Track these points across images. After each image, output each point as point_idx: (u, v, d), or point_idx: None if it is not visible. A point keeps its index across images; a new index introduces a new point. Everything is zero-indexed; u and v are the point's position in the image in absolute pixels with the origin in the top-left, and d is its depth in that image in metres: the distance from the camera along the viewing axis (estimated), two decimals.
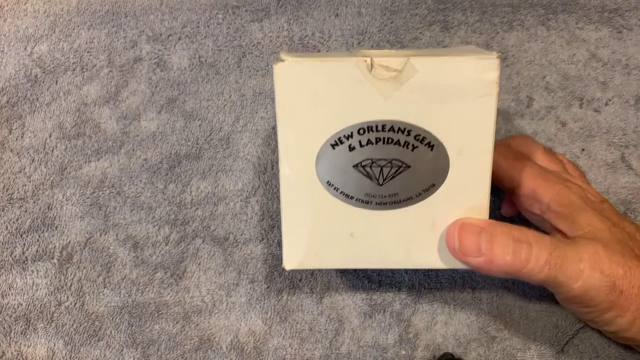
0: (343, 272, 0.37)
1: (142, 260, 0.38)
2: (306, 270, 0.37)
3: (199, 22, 0.43)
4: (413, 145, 0.28)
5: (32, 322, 0.37)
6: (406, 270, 0.37)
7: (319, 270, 0.37)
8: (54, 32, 0.43)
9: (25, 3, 0.44)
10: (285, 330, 0.36)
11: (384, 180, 0.28)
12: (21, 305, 0.37)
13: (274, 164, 0.40)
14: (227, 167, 0.40)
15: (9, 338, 0.36)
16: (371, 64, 0.26)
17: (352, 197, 0.28)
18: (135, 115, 0.41)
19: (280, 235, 0.38)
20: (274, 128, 0.41)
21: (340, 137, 0.28)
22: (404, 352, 0.36)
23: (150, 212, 0.39)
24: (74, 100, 0.41)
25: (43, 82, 0.42)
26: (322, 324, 0.37)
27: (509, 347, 0.36)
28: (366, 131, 0.28)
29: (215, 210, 0.39)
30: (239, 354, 0.36)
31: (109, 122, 0.41)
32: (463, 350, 0.36)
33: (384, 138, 0.28)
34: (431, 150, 0.28)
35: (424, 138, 0.28)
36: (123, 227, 0.38)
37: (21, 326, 0.37)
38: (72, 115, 0.41)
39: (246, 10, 0.43)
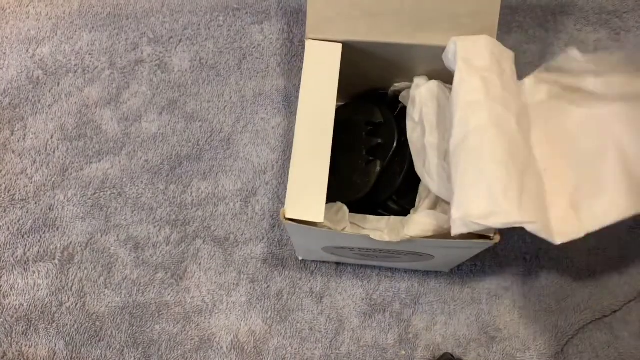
0: (343, 272, 0.38)
1: (143, 260, 0.38)
2: (307, 269, 0.38)
3: (199, 25, 0.43)
4: None
5: (33, 322, 0.37)
6: (406, 270, 0.38)
7: (319, 270, 0.38)
8: (56, 35, 0.43)
9: (28, 6, 0.44)
10: (285, 329, 0.36)
11: None
12: (22, 305, 0.37)
13: (274, 164, 0.40)
14: (228, 168, 0.40)
15: (10, 338, 0.36)
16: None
17: None
18: (137, 117, 0.41)
19: (281, 234, 0.38)
20: (274, 128, 0.41)
21: None
22: (403, 352, 0.36)
23: (151, 212, 0.39)
24: (75, 102, 0.42)
25: (45, 84, 0.42)
26: (322, 323, 0.37)
27: (508, 348, 0.36)
28: None
29: (216, 211, 0.39)
30: (239, 354, 0.36)
31: (110, 124, 0.41)
32: (463, 350, 0.36)
33: None
34: None
35: None
36: (124, 228, 0.39)
37: (22, 326, 0.37)
38: (74, 116, 0.41)
39: (247, 13, 0.44)
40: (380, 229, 0.28)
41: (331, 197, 0.28)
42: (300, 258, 0.37)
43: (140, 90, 0.42)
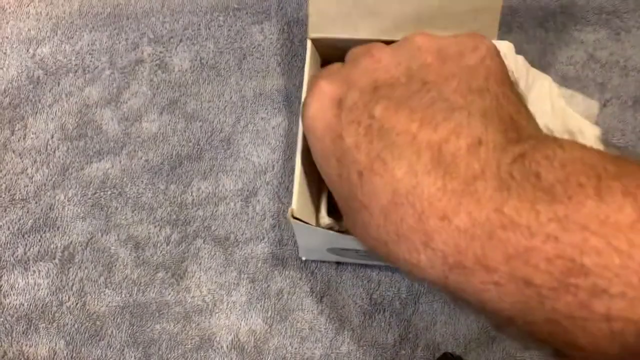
0: (343, 272, 0.38)
1: (143, 260, 0.38)
2: (307, 269, 0.38)
3: (200, 25, 0.43)
4: None
5: (33, 322, 0.37)
6: None
7: (319, 269, 0.38)
8: (56, 35, 0.43)
9: (28, 5, 0.44)
10: (285, 329, 0.36)
11: None
12: (23, 305, 0.37)
13: (275, 164, 0.40)
14: (228, 168, 0.40)
15: (10, 338, 0.36)
16: None
17: None
18: (137, 117, 0.41)
19: (282, 234, 0.38)
20: (274, 128, 0.41)
21: None
22: (403, 351, 0.36)
23: (151, 212, 0.39)
24: (75, 102, 0.42)
25: (45, 84, 0.42)
26: (322, 323, 0.37)
27: (508, 347, 0.36)
28: None
29: (216, 211, 0.39)
30: (239, 353, 0.36)
31: (111, 124, 0.41)
32: (463, 350, 0.36)
33: None
34: None
35: None
36: (124, 228, 0.39)
37: (23, 326, 0.37)
38: (74, 116, 0.41)
39: (247, 13, 0.44)
40: None
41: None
42: (303, 258, 0.38)
43: (140, 90, 0.42)
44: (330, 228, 0.28)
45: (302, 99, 0.29)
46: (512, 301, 0.18)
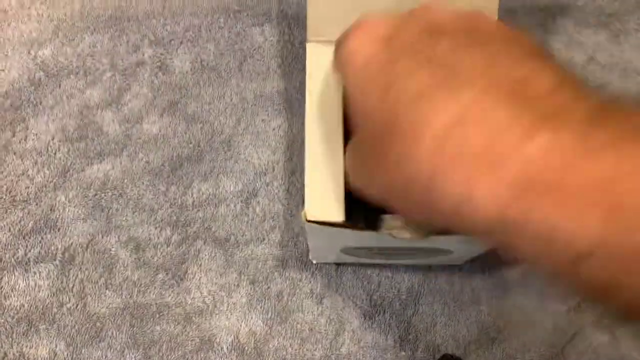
0: (343, 273, 0.38)
1: (143, 261, 0.38)
2: (307, 270, 0.38)
3: (200, 27, 0.44)
4: None
5: (34, 323, 0.37)
6: (406, 271, 0.38)
7: (319, 270, 0.38)
8: (58, 37, 0.43)
9: (29, 8, 0.44)
10: (285, 330, 0.37)
11: None
12: (23, 306, 0.37)
13: (275, 165, 0.40)
14: (228, 169, 0.40)
15: (11, 339, 0.36)
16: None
17: None
18: (138, 118, 0.41)
19: (282, 236, 0.38)
20: (274, 130, 0.41)
21: None
22: (403, 353, 0.36)
23: (152, 214, 0.39)
24: (77, 104, 0.42)
25: (46, 86, 0.42)
26: (322, 324, 0.37)
27: (508, 348, 0.36)
28: None
29: (217, 212, 0.39)
30: (239, 354, 0.36)
31: (112, 125, 0.41)
32: (463, 351, 0.36)
33: None
34: None
35: None
36: (125, 229, 0.39)
37: (23, 327, 0.37)
38: (75, 118, 0.41)
39: (247, 15, 0.44)
40: (399, 226, 0.28)
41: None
42: (314, 262, 0.38)
43: (141, 91, 0.42)
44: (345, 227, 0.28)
45: (307, 98, 0.29)
46: (594, 227, 0.16)
